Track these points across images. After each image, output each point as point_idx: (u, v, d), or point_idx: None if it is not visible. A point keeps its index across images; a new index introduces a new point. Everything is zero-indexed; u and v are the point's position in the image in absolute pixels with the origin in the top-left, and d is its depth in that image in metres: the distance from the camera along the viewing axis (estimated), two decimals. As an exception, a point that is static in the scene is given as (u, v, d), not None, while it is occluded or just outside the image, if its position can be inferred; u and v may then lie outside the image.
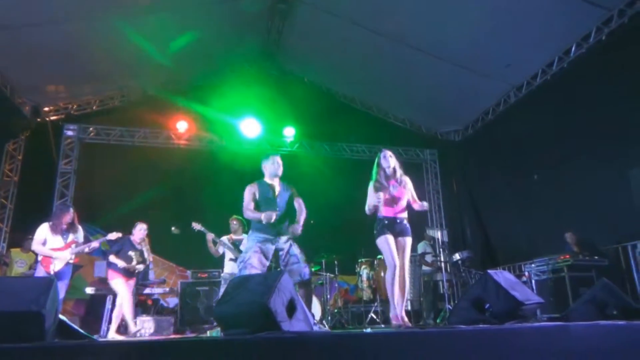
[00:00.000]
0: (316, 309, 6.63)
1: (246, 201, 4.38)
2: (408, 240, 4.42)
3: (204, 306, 7.21)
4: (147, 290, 7.12)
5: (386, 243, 4.29)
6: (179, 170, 9.09)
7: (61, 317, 2.64)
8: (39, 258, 5.52)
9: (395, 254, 4.25)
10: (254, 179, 4.55)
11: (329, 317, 6.79)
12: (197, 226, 6.32)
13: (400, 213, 4.46)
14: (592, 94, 7.03)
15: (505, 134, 9.11)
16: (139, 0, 7.05)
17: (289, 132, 9.92)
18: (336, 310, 7.16)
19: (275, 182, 4.50)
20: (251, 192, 4.40)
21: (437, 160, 11.16)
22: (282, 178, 4.59)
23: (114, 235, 6.19)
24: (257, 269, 4.07)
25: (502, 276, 3.50)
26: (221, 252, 6.52)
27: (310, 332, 2.60)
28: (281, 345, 1.95)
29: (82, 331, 2.83)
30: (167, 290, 7.53)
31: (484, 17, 7.14)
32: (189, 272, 7.75)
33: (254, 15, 8.44)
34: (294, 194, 4.53)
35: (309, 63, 10.02)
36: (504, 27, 7.21)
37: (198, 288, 7.34)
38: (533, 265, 6.62)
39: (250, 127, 9.49)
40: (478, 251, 9.36)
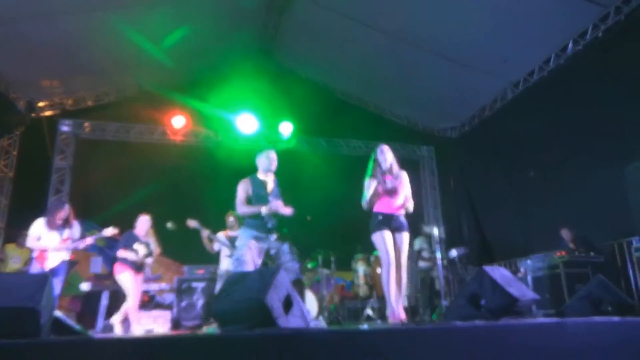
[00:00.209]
0: (312, 305, 6.63)
1: (240, 197, 4.35)
2: (405, 236, 4.36)
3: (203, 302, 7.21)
4: (143, 287, 7.10)
5: (381, 239, 4.24)
6: (175, 166, 9.06)
7: (57, 313, 2.63)
8: (34, 254, 5.48)
9: (390, 250, 4.21)
10: (251, 175, 4.53)
11: (325, 314, 6.80)
12: (192, 223, 6.30)
13: (397, 209, 4.41)
14: (589, 91, 7.06)
15: (502, 130, 9.13)
16: (134, -5, 7.02)
17: (286, 128, 9.90)
18: (332, 307, 7.17)
19: (268, 178, 4.46)
20: (244, 188, 4.37)
21: (434, 157, 11.17)
22: (280, 174, 4.57)
23: (110, 232, 6.15)
24: (250, 267, 4.06)
25: (498, 272, 3.50)
26: (217, 249, 6.51)
27: (306, 329, 2.60)
28: (278, 341, 1.95)
29: (77, 327, 2.82)
30: (164, 286, 7.51)
31: (481, 14, 7.14)
32: (185, 268, 7.73)
33: (250, 11, 8.41)
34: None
35: (306, 59, 10.00)
36: (501, 24, 7.21)
37: (194, 284, 7.33)
38: (529, 262, 6.64)
39: (247, 123, 9.47)
40: (474, 247, 9.39)
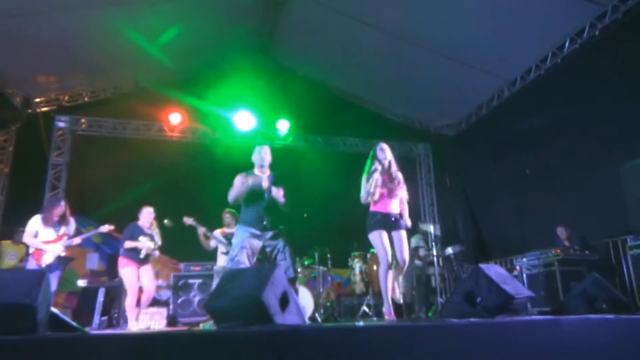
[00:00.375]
0: (308, 302, 6.65)
1: (234, 186, 4.29)
2: (403, 233, 4.36)
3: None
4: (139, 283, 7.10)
5: (379, 238, 4.25)
6: (171, 163, 9.03)
7: (53, 309, 2.63)
8: (31, 251, 5.48)
9: (388, 249, 4.21)
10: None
11: (322, 310, 6.81)
12: (188, 220, 6.29)
13: (394, 209, 4.41)
14: (586, 89, 7.08)
15: (499, 128, 9.15)
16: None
17: (283, 125, 9.89)
18: (328, 304, 7.18)
19: (264, 175, 4.44)
20: (241, 180, 4.31)
21: (431, 155, 11.19)
22: (276, 171, 4.55)
23: (106, 228, 6.15)
24: (247, 265, 4.06)
25: (494, 270, 3.52)
26: (213, 246, 6.51)
27: (302, 325, 2.61)
28: (274, 338, 1.96)
29: (74, 324, 2.82)
30: (160, 283, 7.52)
31: (479, 13, 7.14)
32: (182, 265, 7.73)
33: (248, 8, 8.39)
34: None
35: (303, 56, 9.98)
36: (499, 22, 7.21)
37: (191, 281, 7.33)
38: (524, 260, 6.66)
39: (244, 120, 9.46)
40: (470, 245, 9.41)
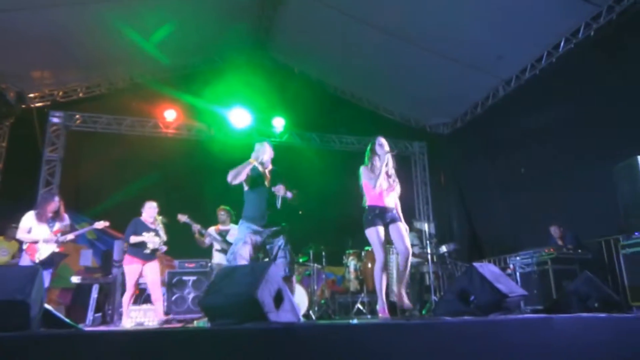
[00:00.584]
0: (303, 299, 6.65)
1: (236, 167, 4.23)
2: (401, 225, 4.32)
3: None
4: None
5: (376, 234, 4.20)
6: (166, 160, 9.00)
7: (46, 306, 2.62)
8: (24, 247, 5.45)
9: (384, 245, 4.19)
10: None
11: (316, 308, 6.82)
12: (182, 218, 6.27)
13: (391, 204, 4.41)
14: (580, 89, 7.11)
15: (493, 127, 9.19)
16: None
17: (279, 123, 9.88)
18: (323, 301, 7.19)
19: (265, 170, 4.45)
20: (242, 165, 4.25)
21: (426, 153, 11.21)
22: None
23: (101, 224, 6.12)
24: (247, 261, 4.06)
25: (487, 269, 3.53)
26: (208, 243, 6.50)
27: (296, 323, 2.61)
28: (268, 335, 1.96)
29: (67, 320, 2.81)
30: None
31: (475, 12, 7.16)
32: (176, 262, 7.71)
33: (245, 3, 8.37)
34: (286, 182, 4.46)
35: (300, 54, 9.97)
36: (495, 21, 7.24)
37: (185, 278, 7.32)
38: (518, 258, 6.70)
39: (240, 117, 9.44)
40: (465, 243, 9.46)
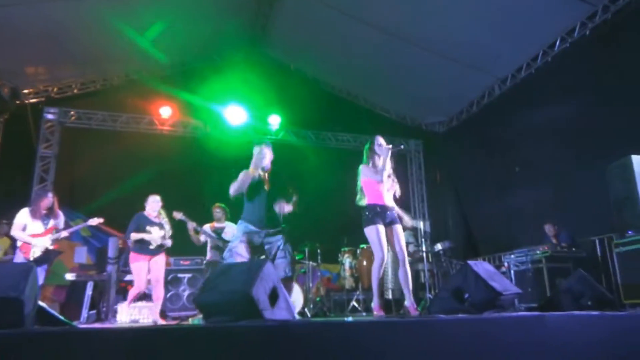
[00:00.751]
0: (298, 297, 6.66)
1: (237, 180, 4.20)
2: (399, 227, 4.33)
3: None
4: (127, 277, 7.07)
5: (375, 232, 4.18)
6: (162, 157, 8.95)
7: (40, 303, 2.61)
8: (18, 244, 5.43)
9: (384, 244, 4.19)
10: (239, 167, 4.49)
11: (311, 306, 6.84)
12: (178, 215, 6.25)
13: (390, 202, 4.41)
14: (575, 88, 7.14)
15: (489, 126, 9.22)
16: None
17: (274, 120, 9.87)
18: (318, 299, 7.21)
19: (264, 174, 4.39)
20: (243, 177, 4.23)
21: (422, 151, 11.24)
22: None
23: (95, 221, 6.09)
24: (244, 258, 4.05)
25: (482, 267, 3.55)
26: (203, 240, 6.50)
27: (292, 321, 2.62)
28: (263, 333, 1.97)
29: (61, 317, 2.80)
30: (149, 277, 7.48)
31: (471, 11, 7.17)
32: (171, 260, 7.70)
33: (241, 1, 8.34)
34: (287, 186, 4.45)
35: (296, 51, 9.96)
36: (491, 20, 7.25)
37: (180, 275, 7.32)
38: (512, 256, 6.73)
39: (235, 115, 9.42)
40: (460, 241, 9.48)
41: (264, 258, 4.21)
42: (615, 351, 2.52)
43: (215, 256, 6.39)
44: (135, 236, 5.61)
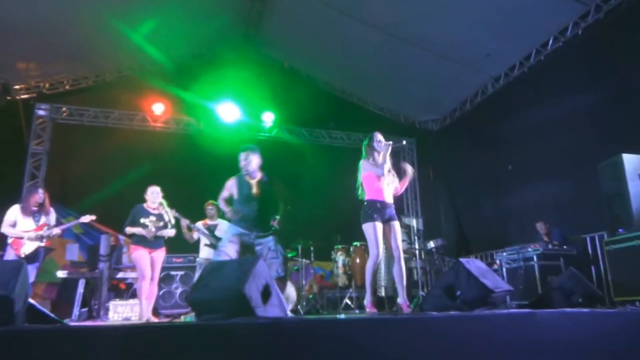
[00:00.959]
0: (292, 294, 6.66)
1: (222, 194, 4.40)
2: (397, 224, 4.38)
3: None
4: (120, 275, 7.04)
5: (373, 230, 4.20)
6: (154, 154, 8.88)
7: (31, 301, 2.59)
8: (9, 241, 5.38)
9: (380, 243, 4.21)
10: (232, 164, 4.49)
11: (304, 303, 6.84)
12: (171, 213, 6.22)
13: (390, 199, 4.43)
14: (567, 87, 7.19)
15: (482, 124, 9.26)
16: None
17: (268, 118, 9.85)
18: (311, 296, 7.21)
19: (252, 181, 4.37)
20: (229, 187, 4.37)
21: (415, 149, 11.25)
22: (262, 165, 4.51)
23: (87, 218, 6.06)
24: (231, 258, 4.06)
25: (474, 264, 3.57)
26: (196, 238, 6.47)
27: (284, 318, 2.62)
28: (255, 330, 1.96)
29: (52, 315, 2.78)
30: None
31: (464, 8, 7.18)
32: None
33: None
34: (277, 188, 4.47)
35: (289, 48, 9.94)
36: (484, 18, 7.27)
37: (172, 273, 7.29)
38: (504, 254, 6.77)
39: (229, 112, 9.39)
40: (452, 239, 9.53)
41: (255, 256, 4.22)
42: (606, 348, 2.54)
43: (207, 254, 6.36)
44: (129, 230, 5.53)
